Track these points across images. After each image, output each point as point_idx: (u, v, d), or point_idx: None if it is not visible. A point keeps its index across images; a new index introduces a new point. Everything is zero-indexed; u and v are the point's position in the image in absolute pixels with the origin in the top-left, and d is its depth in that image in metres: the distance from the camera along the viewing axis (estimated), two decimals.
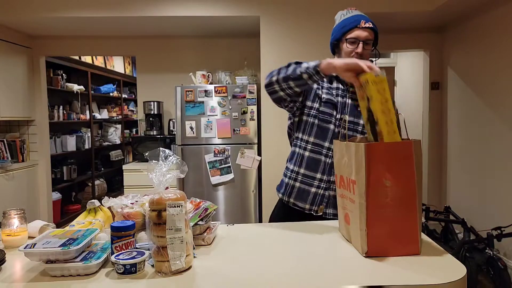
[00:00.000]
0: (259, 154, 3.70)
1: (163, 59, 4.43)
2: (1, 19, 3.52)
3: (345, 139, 1.25)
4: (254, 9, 3.52)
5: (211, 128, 3.68)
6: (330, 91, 1.57)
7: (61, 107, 4.89)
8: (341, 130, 1.53)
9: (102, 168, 5.93)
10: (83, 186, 5.57)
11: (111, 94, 6.24)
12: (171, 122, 4.34)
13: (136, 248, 1.09)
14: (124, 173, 3.84)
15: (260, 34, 3.58)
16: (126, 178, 3.84)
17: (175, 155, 1.11)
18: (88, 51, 4.43)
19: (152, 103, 4.24)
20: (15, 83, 3.90)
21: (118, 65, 6.62)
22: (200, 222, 1.22)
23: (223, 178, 3.69)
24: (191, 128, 3.68)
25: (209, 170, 3.68)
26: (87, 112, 5.55)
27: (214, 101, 3.67)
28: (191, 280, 0.97)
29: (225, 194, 3.73)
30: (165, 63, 4.44)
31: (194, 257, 1.11)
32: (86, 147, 5.40)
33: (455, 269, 1.00)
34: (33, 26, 3.80)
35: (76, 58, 5.13)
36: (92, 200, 1.35)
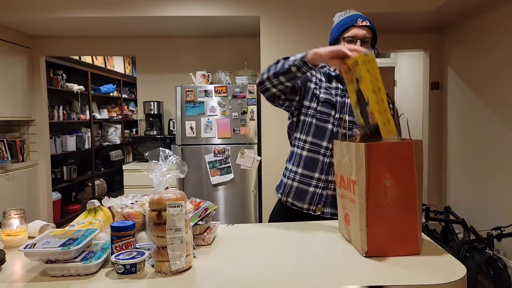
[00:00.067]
0: (259, 154, 3.70)
1: (163, 59, 4.43)
2: (1, 19, 3.52)
3: (345, 139, 1.25)
4: (254, 9, 3.52)
5: (211, 128, 3.68)
6: (328, 91, 1.57)
7: (61, 107, 4.89)
8: (340, 130, 1.53)
9: (102, 168, 5.93)
10: (83, 186, 5.57)
11: (111, 94, 6.24)
12: (171, 122, 4.34)
13: (136, 248, 1.09)
14: (124, 173, 3.84)
15: (260, 34, 3.58)
16: (126, 178, 3.84)
17: (175, 155, 1.11)
18: (88, 51, 4.43)
19: (152, 103, 4.24)
20: (15, 83, 3.90)
21: (118, 65, 6.62)
22: (200, 222, 1.22)
23: (223, 178, 3.69)
24: (191, 128, 3.68)
25: (209, 170, 3.68)
26: (87, 112, 5.55)
27: (214, 101, 3.67)
28: (191, 280, 0.97)
29: (225, 194, 3.73)
30: (165, 63, 4.44)
31: (194, 257, 1.11)
32: (86, 147, 5.40)
33: (455, 269, 1.00)
34: (33, 26, 3.80)
35: (76, 58, 5.13)
36: (92, 200, 1.35)
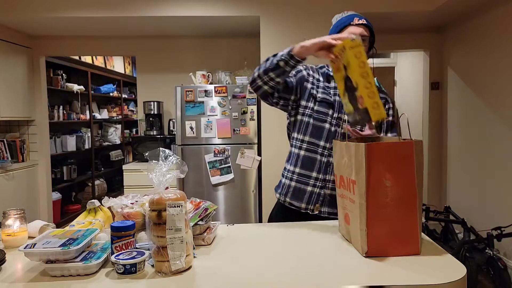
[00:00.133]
0: (259, 154, 3.70)
1: (163, 59, 4.43)
2: (1, 19, 3.52)
3: (344, 139, 1.25)
4: (254, 9, 3.52)
5: (211, 128, 3.68)
6: (326, 91, 1.59)
7: (61, 107, 4.89)
8: (339, 130, 1.53)
9: (102, 168, 5.93)
10: (83, 186, 5.57)
11: (111, 94, 6.24)
12: (171, 122, 4.34)
13: (136, 248, 1.09)
14: (124, 173, 3.84)
15: (260, 34, 3.57)
16: (126, 178, 3.84)
17: (175, 155, 1.11)
18: (88, 51, 4.43)
19: (152, 103, 4.24)
20: (15, 83, 3.90)
21: (118, 65, 6.62)
22: (200, 222, 1.22)
23: (223, 178, 3.69)
24: (191, 128, 3.68)
25: (209, 170, 3.68)
26: (87, 112, 5.55)
27: (214, 101, 3.67)
28: (191, 280, 0.97)
29: (225, 194, 3.72)
30: (165, 63, 4.44)
31: (194, 257, 1.11)
32: (86, 147, 5.40)
33: (455, 269, 1.00)
34: (33, 26, 3.80)
35: (76, 58, 5.13)
36: (92, 200, 1.35)
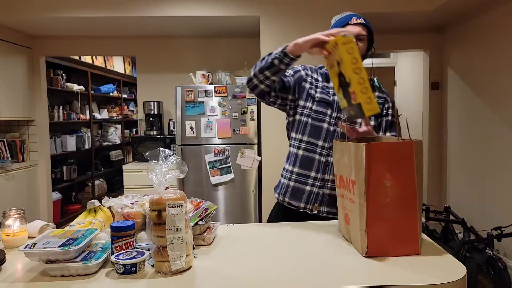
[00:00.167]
0: (259, 154, 3.70)
1: (163, 59, 4.43)
2: (1, 19, 3.52)
3: (344, 139, 1.25)
4: (254, 9, 3.52)
5: (211, 128, 3.68)
6: (325, 90, 1.59)
7: (61, 107, 4.89)
8: (337, 129, 1.53)
9: (102, 168, 5.93)
10: (83, 186, 5.56)
11: (111, 94, 6.24)
12: (171, 122, 4.34)
13: (136, 248, 1.09)
14: (124, 173, 3.84)
15: (260, 34, 3.57)
16: (126, 178, 3.84)
17: (175, 155, 1.11)
18: (88, 51, 4.43)
19: (152, 103, 4.24)
20: (15, 83, 3.90)
21: (118, 65, 6.62)
22: (200, 222, 1.22)
23: (223, 178, 3.69)
24: (191, 128, 3.68)
25: (209, 170, 3.68)
26: (87, 112, 5.55)
27: (214, 101, 3.67)
28: (191, 280, 0.97)
29: (225, 194, 3.72)
30: (165, 63, 4.44)
31: (194, 257, 1.11)
32: (86, 147, 5.39)
33: (455, 269, 1.00)
34: (33, 26, 3.80)
35: (76, 58, 5.13)
36: (92, 200, 1.35)
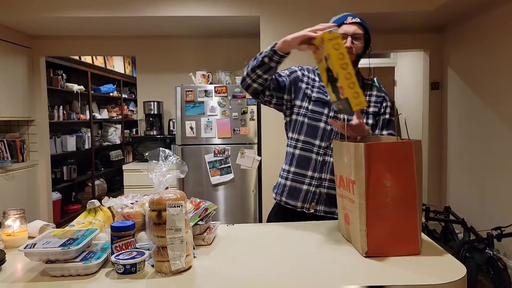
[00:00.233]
0: (259, 154, 3.70)
1: (163, 59, 4.43)
2: (1, 19, 3.52)
3: (343, 139, 1.25)
4: (254, 9, 3.52)
5: (211, 128, 3.68)
6: (322, 90, 1.60)
7: (61, 107, 4.89)
8: (334, 128, 1.54)
9: (102, 168, 5.93)
10: (83, 186, 5.56)
11: (111, 94, 6.24)
12: (171, 122, 4.34)
13: (136, 248, 1.09)
14: (124, 173, 3.84)
15: (260, 34, 3.57)
16: (126, 178, 3.84)
17: (175, 155, 1.11)
18: (88, 51, 4.43)
19: (152, 103, 4.24)
20: (15, 83, 3.90)
21: (118, 65, 6.62)
22: (200, 222, 1.22)
23: (223, 178, 3.69)
24: (191, 128, 3.68)
25: (209, 170, 3.68)
26: (87, 112, 5.55)
27: (214, 101, 3.67)
28: (191, 280, 0.97)
29: (225, 194, 3.72)
30: (165, 63, 4.44)
31: (194, 257, 1.11)
32: (86, 147, 5.39)
33: (455, 269, 1.00)
34: (33, 26, 3.80)
35: (76, 58, 5.13)
36: (92, 200, 1.35)
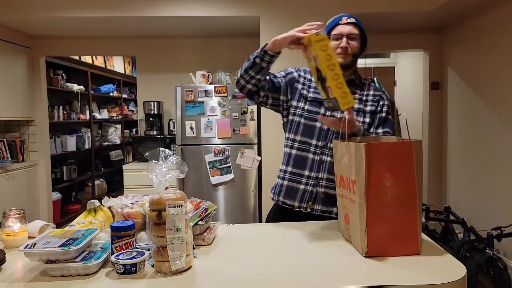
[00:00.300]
0: (259, 154, 3.70)
1: (163, 59, 4.43)
2: (1, 19, 3.52)
3: (344, 139, 1.25)
4: (254, 9, 3.52)
5: (211, 128, 3.68)
6: (318, 90, 1.59)
7: (61, 107, 4.89)
8: (331, 128, 1.53)
9: (102, 168, 5.93)
10: (83, 186, 5.56)
11: (111, 94, 6.24)
12: (171, 122, 4.34)
13: (136, 248, 1.09)
14: (124, 173, 3.84)
15: (260, 34, 3.57)
16: (126, 178, 3.84)
17: (175, 155, 1.11)
18: (88, 51, 4.43)
19: (152, 103, 4.24)
20: (15, 83, 3.90)
21: (118, 65, 6.62)
22: (200, 222, 1.22)
23: (223, 178, 3.69)
24: (191, 128, 3.68)
25: (209, 170, 3.68)
26: (87, 112, 5.55)
27: (214, 101, 3.67)
28: (191, 280, 0.97)
29: (225, 194, 3.72)
30: (165, 63, 4.44)
31: (194, 257, 1.11)
32: (86, 147, 5.39)
33: (455, 269, 1.00)
34: (33, 26, 3.80)
35: (76, 58, 5.13)
36: (92, 200, 1.35)
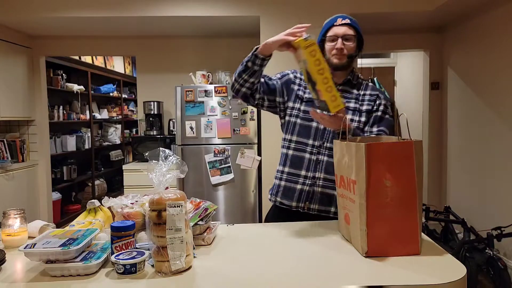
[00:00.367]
0: (259, 154, 3.70)
1: (163, 59, 4.43)
2: (1, 19, 3.52)
3: (345, 139, 1.25)
4: (254, 9, 3.52)
5: (211, 128, 3.68)
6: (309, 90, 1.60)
7: (61, 107, 4.88)
8: (327, 127, 1.54)
9: (102, 168, 5.93)
10: (83, 186, 5.56)
11: (111, 94, 6.24)
12: (171, 122, 4.34)
13: (136, 248, 1.09)
14: (124, 173, 3.84)
15: (260, 34, 3.57)
16: (126, 178, 3.84)
17: (175, 155, 1.11)
18: (88, 51, 4.43)
19: (152, 103, 4.24)
20: (15, 83, 3.90)
21: (118, 65, 6.62)
22: (200, 222, 1.22)
23: (223, 178, 3.69)
24: (191, 128, 3.68)
25: (209, 170, 3.68)
26: (87, 112, 5.55)
27: (214, 101, 3.66)
28: (191, 280, 0.97)
29: (225, 194, 3.72)
30: (165, 63, 4.44)
31: (194, 257, 1.11)
32: (86, 147, 5.39)
33: (455, 269, 1.00)
34: (33, 26, 3.80)
35: (76, 58, 5.13)
36: (92, 200, 1.35)
